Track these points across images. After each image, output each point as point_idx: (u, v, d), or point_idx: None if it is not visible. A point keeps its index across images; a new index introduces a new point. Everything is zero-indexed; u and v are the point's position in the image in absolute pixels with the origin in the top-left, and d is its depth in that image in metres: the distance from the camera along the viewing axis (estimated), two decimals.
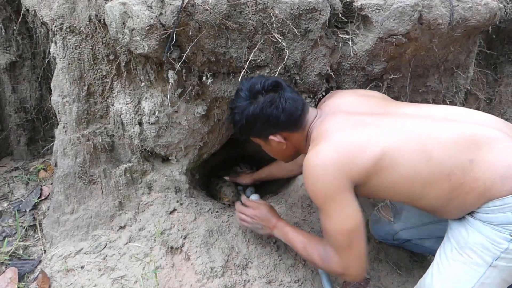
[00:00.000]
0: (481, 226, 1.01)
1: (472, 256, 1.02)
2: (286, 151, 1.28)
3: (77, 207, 1.50)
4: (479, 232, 1.01)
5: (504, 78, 2.06)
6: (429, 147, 1.00)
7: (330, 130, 1.10)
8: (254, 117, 1.16)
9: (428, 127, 1.04)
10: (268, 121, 1.17)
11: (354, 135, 1.06)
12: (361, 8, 1.33)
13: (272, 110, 1.15)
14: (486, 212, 0.99)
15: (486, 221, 1.00)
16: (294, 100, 1.17)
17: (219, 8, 1.16)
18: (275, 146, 1.25)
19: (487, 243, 0.99)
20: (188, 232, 1.46)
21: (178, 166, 1.63)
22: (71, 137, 1.47)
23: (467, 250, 1.03)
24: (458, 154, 0.98)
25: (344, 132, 1.08)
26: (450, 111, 1.12)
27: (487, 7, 1.40)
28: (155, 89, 1.45)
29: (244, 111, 1.17)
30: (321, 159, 1.04)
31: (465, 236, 1.04)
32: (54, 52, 1.43)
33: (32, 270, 1.38)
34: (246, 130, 1.23)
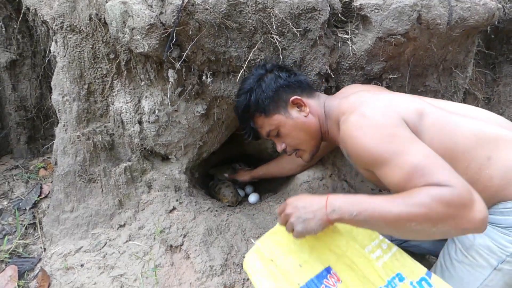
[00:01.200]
0: (488, 228, 0.99)
1: (477, 259, 1.01)
2: (309, 123, 1.20)
3: (77, 206, 1.50)
4: (486, 234, 1.00)
5: (502, 78, 2.07)
6: (455, 135, 0.99)
7: (365, 99, 1.05)
8: (271, 83, 1.18)
9: (452, 117, 1.03)
10: (286, 83, 1.19)
11: (393, 99, 1.05)
12: (360, 8, 1.33)
13: (290, 73, 1.21)
14: (495, 213, 0.98)
15: (494, 222, 0.99)
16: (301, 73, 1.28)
17: (219, 8, 1.16)
18: (296, 117, 1.20)
19: (493, 246, 0.98)
20: (188, 230, 1.46)
21: (177, 165, 1.64)
22: (71, 136, 1.47)
23: (472, 252, 1.02)
24: (478, 148, 0.97)
25: (383, 96, 1.07)
26: (470, 109, 1.11)
27: (485, 7, 1.41)
28: (155, 88, 1.45)
29: (259, 82, 1.19)
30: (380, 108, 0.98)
31: (471, 238, 1.03)
32: (54, 50, 1.43)
33: (32, 268, 1.39)
34: (264, 103, 1.19)
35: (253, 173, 1.91)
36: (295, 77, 1.22)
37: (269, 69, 1.23)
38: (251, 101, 1.21)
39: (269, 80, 1.19)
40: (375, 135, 0.88)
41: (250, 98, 1.21)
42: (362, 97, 1.08)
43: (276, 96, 1.19)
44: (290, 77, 1.21)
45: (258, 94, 1.18)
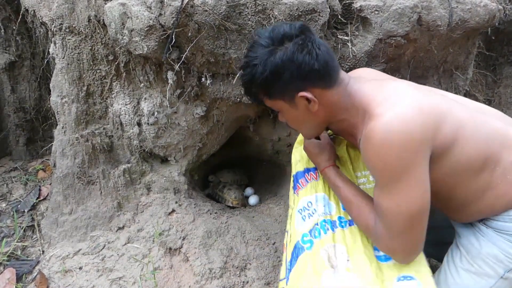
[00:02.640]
0: (495, 236, 0.98)
1: (483, 267, 1.00)
2: (313, 118, 1.03)
3: (75, 208, 1.50)
4: (493, 243, 0.98)
5: (503, 80, 2.06)
6: (487, 130, 0.94)
7: (395, 91, 0.92)
8: (282, 65, 0.92)
9: (479, 115, 0.98)
10: (299, 71, 0.92)
11: (430, 98, 0.92)
12: (360, 10, 1.33)
13: (305, 55, 0.91)
14: (505, 220, 0.96)
15: (501, 230, 0.97)
16: (327, 48, 0.95)
17: (218, 9, 1.16)
18: (302, 109, 1.00)
19: (500, 255, 0.97)
20: (187, 233, 1.45)
21: (177, 167, 1.63)
22: (70, 138, 1.47)
23: (479, 261, 1.00)
24: (503, 151, 0.93)
25: (419, 94, 0.92)
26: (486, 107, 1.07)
27: (486, 8, 1.40)
28: (154, 90, 1.44)
29: (268, 60, 0.93)
30: (406, 122, 0.84)
31: (477, 247, 1.01)
32: (53, 52, 1.43)
33: (30, 271, 1.38)
34: (269, 86, 0.98)
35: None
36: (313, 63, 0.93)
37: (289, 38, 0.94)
38: (255, 78, 0.98)
39: (280, 59, 0.93)
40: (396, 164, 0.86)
41: (254, 75, 0.98)
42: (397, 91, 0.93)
43: (284, 84, 0.96)
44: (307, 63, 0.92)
45: (264, 74, 0.95)
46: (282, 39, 0.93)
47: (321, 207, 1.11)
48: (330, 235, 1.05)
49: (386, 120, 0.85)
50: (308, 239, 1.06)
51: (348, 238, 1.04)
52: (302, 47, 0.92)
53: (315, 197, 1.14)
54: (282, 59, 0.92)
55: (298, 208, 1.15)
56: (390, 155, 0.85)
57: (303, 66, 0.92)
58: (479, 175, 0.94)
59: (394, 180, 0.87)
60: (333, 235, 1.05)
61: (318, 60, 0.92)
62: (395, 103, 0.87)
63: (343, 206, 1.10)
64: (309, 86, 0.95)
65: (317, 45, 0.93)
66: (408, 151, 0.84)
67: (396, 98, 0.89)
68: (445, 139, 0.88)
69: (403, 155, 0.84)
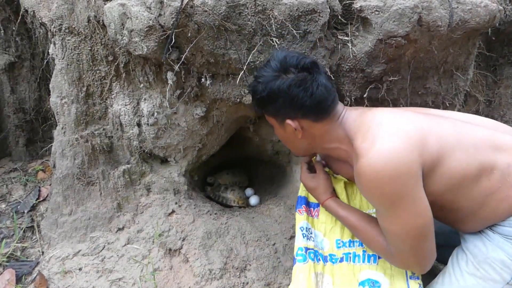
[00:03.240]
0: (502, 241, 0.99)
1: (490, 272, 1.00)
2: (299, 142, 1.14)
3: (75, 209, 1.49)
4: (500, 248, 0.99)
5: (503, 80, 2.06)
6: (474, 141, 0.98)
7: (382, 121, 0.99)
8: (278, 92, 1.03)
9: (468, 128, 1.03)
10: (291, 102, 1.03)
11: (413, 122, 0.98)
12: (361, 10, 1.32)
13: (300, 91, 1.01)
14: (511, 225, 0.97)
15: (508, 235, 0.98)
16: (327, 89, 1.04)
17: (218, 10, 1.15)
18: (289, 132, 1.11)
19: (507, 260, 0.97)
20: (187, 234, 1.45)
21: (177, 167, 1.63)
22: (69, 138, 1.47)
23: (485, 266, 1.01)
24: (497, 155, 0.97)
25: (402, 120, 0.99)
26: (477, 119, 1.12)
27: (486, 9, 1.40)
28: (154, 90, 1.44)
29: (269, 83, 1.04)
30: (389, 155, 0.90)
31: (484, 251, 1.01)
32: (53, 53, 1.42)
33: (30, 272, 1.38)
34: (265, 104, 1.10)
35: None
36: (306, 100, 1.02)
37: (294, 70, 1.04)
38: (255, 93, 1.11)
39: (278, 87, 1.03)
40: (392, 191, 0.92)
41: (255, 91, 1.10)
42: (382, 121, 0.99)
43: (276, 107, 1.08)
44: (300, 98, 1.02)
45: (262, 94, 1.06)
46: (289, 69, 1.03)
47: (318, 240, 1.24)
48: (321, 264, 1.18)
49: (371, 158, 0.92)
50: (302, 253, 1.17)
51: (335, 272, 1.18)
52: (300, 83, 1.02)
53: (314, 231, 1.26)
54: (280, 87, 1.02)
55: (300, 226, 1.24)
56: (383, 188, 0.92)
57: (296, 100, 1.02)
58: (478, 182, 0.97)
59: (393, 207, 0.93)
60: (324, 266, 1.18)
61: (311, 98, 1.02)
62: (376, 136, 0.94)
63: (337, 243, 1.23)
64: (299, 116, 1.06)
65: (317, 85, 1.02)
66: (398, 180, 0.90)
67: (381, 132, 0.95)
68: (431, 156, 0.93)
69: (394, 186, 0.91)
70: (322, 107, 1.05)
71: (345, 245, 1.25)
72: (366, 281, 1.15)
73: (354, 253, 1.22)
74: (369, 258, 1.20)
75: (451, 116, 1.09)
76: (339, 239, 1.26)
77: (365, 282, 1.15)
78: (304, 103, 1.03)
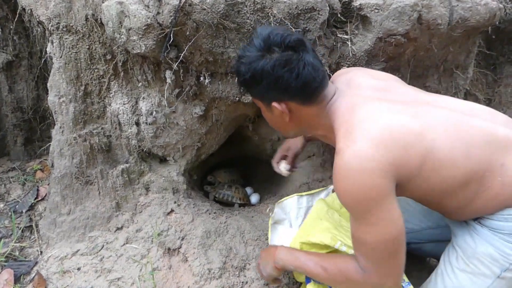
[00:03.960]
0: (490, 235, 0.98)
1: (479, 267, 0.99)
2: (287, 124, 1.07)
3: (73, 208, 1.49)
4: (488, 242, 0.98)
5: (503, 79, 2.06)
6: (467, 143, 0.91)
7: (364, 118, 0.93)
8: (261, 73, 0.95)
9: (464, 121, 0.95)
10: (276, 84, 0.95)
11: (395, 125, 0.91)
12: (360, 8, 1.32)
13: (285, 72, 0.93)
14: (499, 219, 0.96)
15: (496, 229, 0.97)
16: (314, 68, 0.95)
17: (216, 8, 1.15)
18: (276, 115, 1.04)
19: (496, 254, 0.97)
20: (186, 233, 1.45)
21: (175, 166, 1.62)
22: (67, 138, 1.46)
23: (474, 261, 1.00)
24: (491, 156, 0.92)
25: (383, 121, 0.92)
26: (475, 108, 1.03)
27: (486, 7, 1.40)
28: (153, 89, 1.44)
29: (252, 64, 0.95)
30: (364, 158, 0.87)
31: (473, 246, 1.01)
32: (50, 51, 1.42)
33: (28, 272, 1.37)
34: (249, 86, 1.03)
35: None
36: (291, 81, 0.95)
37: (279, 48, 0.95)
38: (238, 74, 1.03)
39: (261, 68, 0.95)
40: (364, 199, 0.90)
41: (239, 72, 1.02)
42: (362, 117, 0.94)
43: (261, 89, 1.00)
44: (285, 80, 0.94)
45: (245, 75, 0.98)
46: (273, 48, 0.94)
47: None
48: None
49: (345, 159, 0.89)
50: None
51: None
52: (285, 63, 0.93)
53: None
54: (264, 68, 0.94)
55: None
56: (354, 193, 0.89)
57: (280, 81, 0.94)
58: (466, 187, 0.94)
59: (365, 213, 0.90)
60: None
61: (297, 80, 0.94)
62: (356, 138, 0.90)
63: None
64: (286, 99, 0.99)
65: (303, 64, 0.93)
66: (370, 186, 0.87)
67: (359, 132, 0.91)
68: (411, 164, 0.89)
69: (366, 191, 0.88)
70: (310, 88, 0.97)
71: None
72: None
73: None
74: None
75: (448, 105, 1.01)
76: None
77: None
78: (290, 84, 0.95)
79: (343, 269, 1.00)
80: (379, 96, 0.99)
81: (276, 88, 0.97)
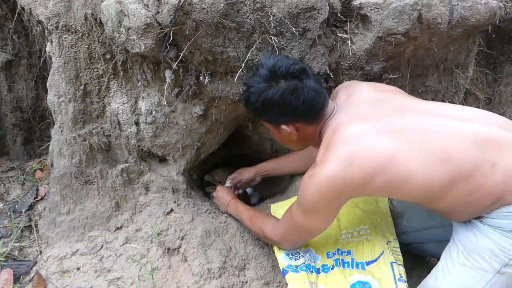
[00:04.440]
0: (491, 231, 0.99)
1: (480, 262, 1.00)
2: (295, 142, 1.22)
3: (73, 208, 1.48)
4: (489, 238, 0.99)
5: (503, 78, 2.05)
6: (449, 149, 0.97)
7: (342, 139, 1.04)
8: (271, 102, 1.08)
9: (450, 127, 1.00)
10: (285, 110, 1.09)
11: (367, 151, 1.00)
12: (360, 7, 1.32)
13: (293, 99, 1.07)
14: (498, 217, 0.97)
15: (497, 226, 0.98)
16: (317, 92, 1.09)
17: (216, 7, 1.15)
18: (285, 134, 1.18)
19: (496, 249, 0.97)
20: (185, 233, 1.45)
21: (175, 166, 1.62)
22: (67, 137, 1.46)
23: (475, 255, 1.01)
24: (479, 156, 0.95)
25: (356, 145, 1.02)
26: (468, 111, 1.09)
27: (487, 6, 1.39)
28: (152, 89, 1.43)
29: (262, 94, 1.08)
30: (329, 177, 1.01)
31: (473, 241, 1.02)
32: (50, 51, 1.41)
33: (28, 272, 1.37)
34: (259, 113, 1.17)
35: (258, 168, 1.72)
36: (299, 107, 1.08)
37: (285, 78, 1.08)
38: (248, 103, 1.16)
39: (271, 97, 1.08)
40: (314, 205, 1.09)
41: (248, 100, 1.15)
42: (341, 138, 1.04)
43: (271, 115, 1.16)
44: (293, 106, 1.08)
45: (256, 104, 1.12)
46: (279, 77, 1.08)
47: (308, 256, 1.32)
48: (314, 275, 1.26)
49: (315, 173, 1.03)
50: (292, 268, 1.27)
51: (329, 279, 1.25)
52: (292, 91, 1.07)
53: (302, 251, 1.35)
54: (273, 97, 1.07)
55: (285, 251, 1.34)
56: (310, 199, 1.07)
57: (289, 107, 1.08)
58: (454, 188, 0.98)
59: (309, 211, 1.10)
60: (317, 277, 1.26)
61: (304, 104, 1.08)
62: (328, 158, 1.02)
63: (327, 254, 1.34)
64: (293, 121, 1.13)
65: (307, 90, 1.07)
66: (325, 201, 1.05)
67: (332, 151, 1.03)
68: (374, 185, 1.00)
69: (319, 203, 1.06)
70: (314, 110, 1.11)
71: (334, 254, 1.34)
72: (357, 283, 1.20)
73: (343, 260, 1.31)
74: (357, 264, 1.28)
75: (442, 112, 1.07)
76: (329, 251, 1.35)
77: (356, 284, 1.20)
78: (298, 109, 1.09)
79: (263, 225, 1.32)
80: (370, 112, 1.08)
81: (285, 114, 1.11)
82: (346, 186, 1.02)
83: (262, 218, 1.36)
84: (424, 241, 1.39)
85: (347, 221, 1.44)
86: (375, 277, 1.21)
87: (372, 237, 1.35)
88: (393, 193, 1.11)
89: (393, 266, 1.23)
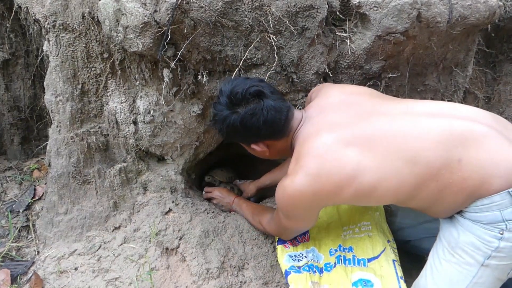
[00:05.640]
0: (471, 225, 1.00)
1: (464, 256, 1.02)
2: (269, 156, 1.29)
3: (71, 208, 1.48)
4: (470, 231, 1.00)
5: (503, 77, 2.05)
6: (414, 150, 0.99)
7: (310, 153, 1.08)
8: (235, 128, 1.14)
9: (415, 127, 1.03)
10: (249, 132, 1.16)
11: (334, 164, 1.04)
12: (359, 6, 1.31)
13: (253, 122, 1.12)
14: (475, 211, 0.99)
15: (476, 220, 0.99)
16: (277, 110, 1.13)
17: (214, 6, 1.14)
18: (258, 151, 1.26)
19: (478, 242, 0.99)
20: (184, 232, 1.44)
21: (173, 165, 1.62)
22: (64, 137, 1.45)
23: (458, 250, 1.03)
24: (445, 154, 0.97)
25: (324, 160, 1.05)
26: (439, 106, 1.10)
27: (486, 5, 1.39)
28: (150, 88, 1.43)
29: (225, 121, 1.15)
30: (297, 191, 1.07)
31: (456, 236, 1.04)
32: (47, 50, 1.41)
33: (25, 272, 1.36)
34: (229, 137, 1.25)
35: (258, 184, 1.84)
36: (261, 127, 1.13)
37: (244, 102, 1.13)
38: (218, 130, 1.24)
39: (233, 123, 1.13)
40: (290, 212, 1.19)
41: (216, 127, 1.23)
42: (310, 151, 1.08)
43: (239, 138, 1.25)
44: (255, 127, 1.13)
45: (222, 130, 1.19)
46: (238, 103, 1.13)
47: (311, 256, 1.36)
48: (317, 275, 1.28)
49: (286, 184, 1.10)
50: (294, 269, 1.30)
51: (332, 278, 1.26)
52: (251, 115, 1.11)
53: (305, 251, 1.38)
54: (234, 123, 1.13)
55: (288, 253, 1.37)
56: (285, 205, 1.17)
57: (252, 130, 1.14)
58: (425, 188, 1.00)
59: (287, 217, 1.21)
60: (320, 277, 1.28)
61: (265, 125, 1.12)
62: (298, 170, 1.07)
63: (330, 252, 1.37)
64: (260, 140, 1.20)
65: (267, 110, 1.11)
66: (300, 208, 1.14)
67: (301, 164, 1.08)
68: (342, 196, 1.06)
69: (292, 209, 1.16)
70: (277, 127, 1.15)
71: (336, 251, 1.36)
72: (359, 281, 1.21)
73: (344, 257, 1.31)
74: (358, 261, 1.29)
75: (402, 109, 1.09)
76: (331, 248, 1.37)
77: (358, 282, 1.21)
78: (260, 130, 1.13)
79: (261, 219, 1.42)
80: (337, 120, 1.12)
81: (250, 135, 1.18)
82: (316, 197, 1.07)
83: (261, 213, 1.45)
84: (421, 236, 1.40)
85: (348, 217, 1.46)
86: (376, 274, 1.22)
87: (374, 234, 1.35)
88: (364, 201, 1.14)
89: (395, 264, 1.25)
